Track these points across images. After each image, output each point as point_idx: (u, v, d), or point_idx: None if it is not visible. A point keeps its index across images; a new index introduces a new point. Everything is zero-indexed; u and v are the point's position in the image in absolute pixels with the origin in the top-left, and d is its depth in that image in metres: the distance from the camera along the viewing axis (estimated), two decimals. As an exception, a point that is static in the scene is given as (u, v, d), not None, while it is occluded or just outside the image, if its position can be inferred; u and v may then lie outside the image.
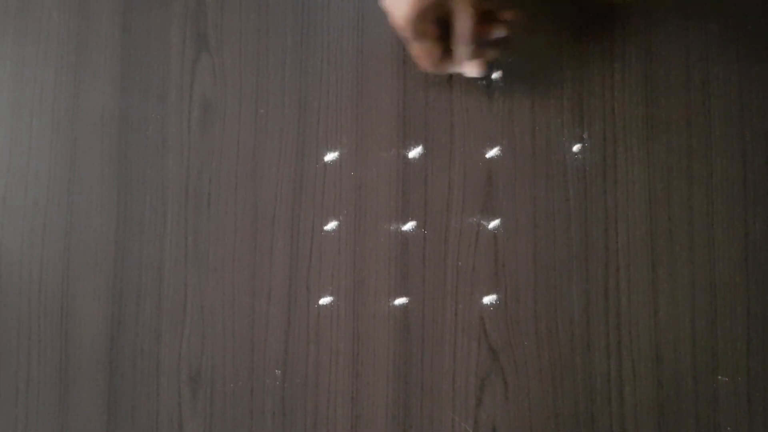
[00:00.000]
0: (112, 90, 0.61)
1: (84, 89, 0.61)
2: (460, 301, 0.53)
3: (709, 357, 0.50)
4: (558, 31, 0.54)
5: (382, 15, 0.57)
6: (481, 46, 0.50)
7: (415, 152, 0.55)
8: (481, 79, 0.55)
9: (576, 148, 0.53)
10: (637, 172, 0.52)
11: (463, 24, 0.48)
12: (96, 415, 0.58)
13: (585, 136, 0.53)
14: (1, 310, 0.61)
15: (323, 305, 0.55)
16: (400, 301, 0.54)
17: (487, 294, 0.53)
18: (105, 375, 0.58)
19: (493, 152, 0.54)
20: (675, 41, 0.53)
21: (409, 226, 0.55)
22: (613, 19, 0.54)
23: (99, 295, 0.59)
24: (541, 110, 0.54)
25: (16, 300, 0.61)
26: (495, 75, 0.55)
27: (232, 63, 0.59)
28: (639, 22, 0.53)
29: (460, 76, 0.55)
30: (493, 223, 0.54)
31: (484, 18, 0.50)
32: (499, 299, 0.53)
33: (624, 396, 0.51)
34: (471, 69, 0.51)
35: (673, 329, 0.51)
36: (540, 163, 0.53)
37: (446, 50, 0.51)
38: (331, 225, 0.56)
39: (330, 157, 0.56)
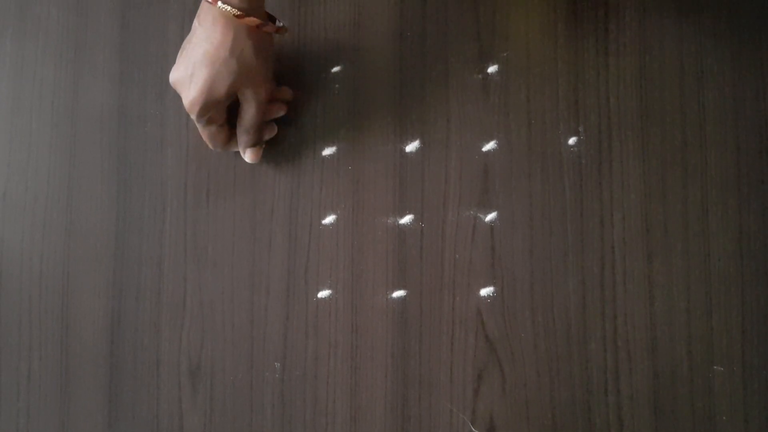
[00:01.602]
0: (110, 86, 0.61)
1: (83, 86, 0.62)
2: (457, 294, 0.54)
3: (705, 347, 0.51)
4: (553, 24, 0.55)
5: (379, 10, 0.57)
6: (260, 130, 0.53)
7: (412, 146, 0.56)
8: (477, 72, 0.55)
9: (571, 141, 0.53)
10: (632, 164, 0.53)
11: (250, 116, 0.51)
12: (97, 408, 0.59)
13: (580, 129, 0.53)
14: (2, 305, 0.62)
15: (322, 298, 0.56)
16: (397, 293, 0.55)
17: (484, 286, 0.54)
18: (105, 369, 0.59)
19: (489, 146, 0.55)
20: (669, 34, 0.53)
21: (406, 219, 0.55)
22: (608, 13, 0.54)
23: (99, 290, 0.60)
24: (536, 103, 0.54)
25: (17, 295, 0.61)
26: (491, 69, 0.55)
27: (229, 59, 0.59)
28: (633, 15, 0.54)
29: (456, 71, 0.55)
30: (490, 216, 0.54)
31: (267, 103, 0.53)
32: (495, 291, 0.53)
33: (620, 386, 0.51)
34: (250, 155, 0.54)
35: (668, 320, 0.51)
36: (536, 156, 0.54)
37: (231, 133, 0.53)
38: (329, 219, 0.56)
39: (327, 151, 0.57)
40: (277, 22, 0.52)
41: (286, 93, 0.55)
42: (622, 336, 0.52)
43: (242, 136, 0.52)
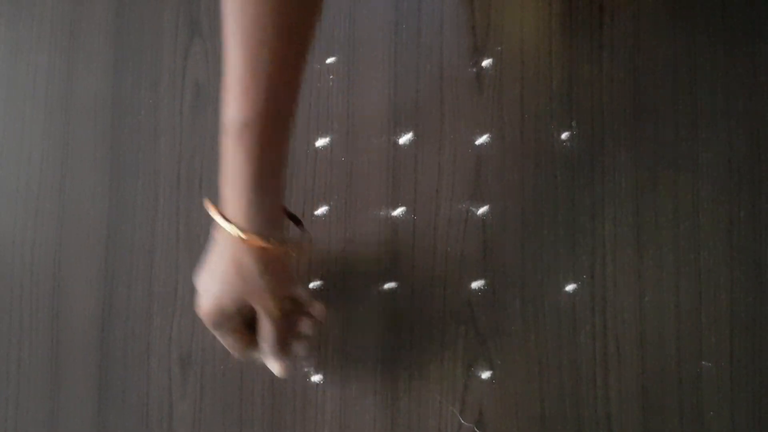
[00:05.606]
0: (105, 74, 0.61)
1: (77, 74, 0.62)
2: (448, 286, 0.54)
3: (693, 343, 0.51)
4: (547, 19, 0.55)
5: (374, 2, 0.57)
6: (287, 345, 0.49)
7: (405, 139, 0.56)
8: (471, 66, 0.55)
9: (564, 136, 0.54)
10: (624, 160, 0.53)
11: (266, 330, 0.47)
12: (87, 396, 0.59)
13: (573, 124, 0.54)
14: (-7, 292, 0.61)
15: (313, 289, 0.56)
16: (389, 286, 0.55)
17: (476, 279, 0.54)
18: (96, 357, 0.59)
19: (482, 139, 0.55)
20: (662, 31, 0.53)
21: (398, 211, 0.55)
22: (602, 8, 0.54)
23: (90, 278, 0.60)
24: (530, 98, 0.54)
25: (8, 283, 0.61)
26: (485, 63, 0.55)
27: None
28: (627, 11, 0.54)
29: (450, 64, 0.55)
30: (482, 210, 0.54)
31: (291, 317, 0.49)
32: (487, 285, 0.53)
33: (609, 380, 0.51)
34: (275, 367, 0.49)
35: (658, 315, 0.51)
36: (529, 150, 0.54)
37: (251, 340, 0.49)
38: (322, 210, 0.56)
39: (321, 142, 0.57)
40: (301, 231, 0.49)
41: (317, 309, 0.50)
42: (611, 330, 0.52)
43: (263, 346, 0.49)
